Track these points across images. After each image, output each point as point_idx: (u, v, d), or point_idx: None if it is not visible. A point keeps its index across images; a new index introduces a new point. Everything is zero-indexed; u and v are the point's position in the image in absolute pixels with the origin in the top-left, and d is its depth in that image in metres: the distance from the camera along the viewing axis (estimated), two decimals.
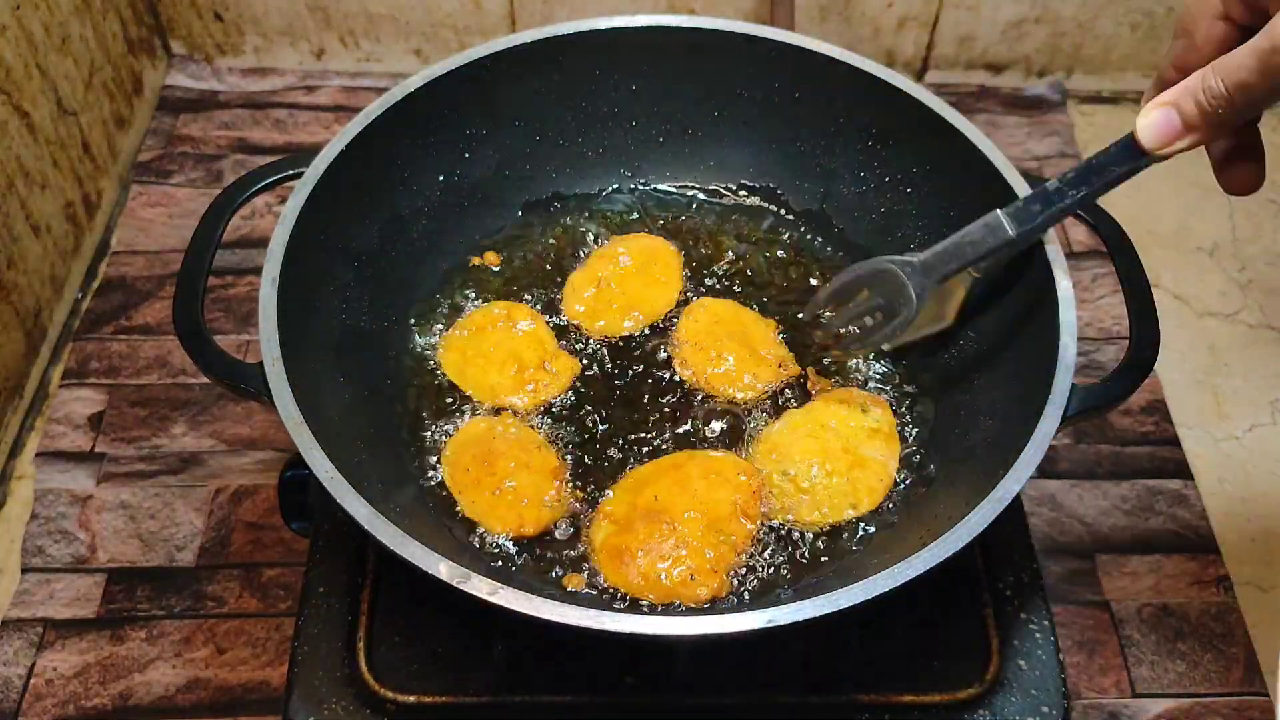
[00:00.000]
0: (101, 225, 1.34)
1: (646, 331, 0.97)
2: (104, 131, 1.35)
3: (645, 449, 0.89)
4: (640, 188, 1.08)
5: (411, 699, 0.80)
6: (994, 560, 0.88)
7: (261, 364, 0.76)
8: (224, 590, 1.05)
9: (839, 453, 0.87)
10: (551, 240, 1.04)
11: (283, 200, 1.05)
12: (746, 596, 0.81)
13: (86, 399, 1.18)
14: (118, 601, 1.04)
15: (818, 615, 0.65)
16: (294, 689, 0.81)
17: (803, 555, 0.83)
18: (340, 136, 0.89)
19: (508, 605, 0.65)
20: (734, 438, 0.89)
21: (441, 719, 0.81)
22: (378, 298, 0.94)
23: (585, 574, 0.81)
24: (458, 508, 0.85)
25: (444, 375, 0.93)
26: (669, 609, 0.79)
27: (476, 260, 1.01)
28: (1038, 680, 0.82)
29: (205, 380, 1.02)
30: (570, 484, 0.86)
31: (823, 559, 0.83)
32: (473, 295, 0.99)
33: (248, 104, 1.49)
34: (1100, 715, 1.00)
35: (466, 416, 0.90)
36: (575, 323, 0.97)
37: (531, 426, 0.90)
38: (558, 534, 0.84)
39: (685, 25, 0.99)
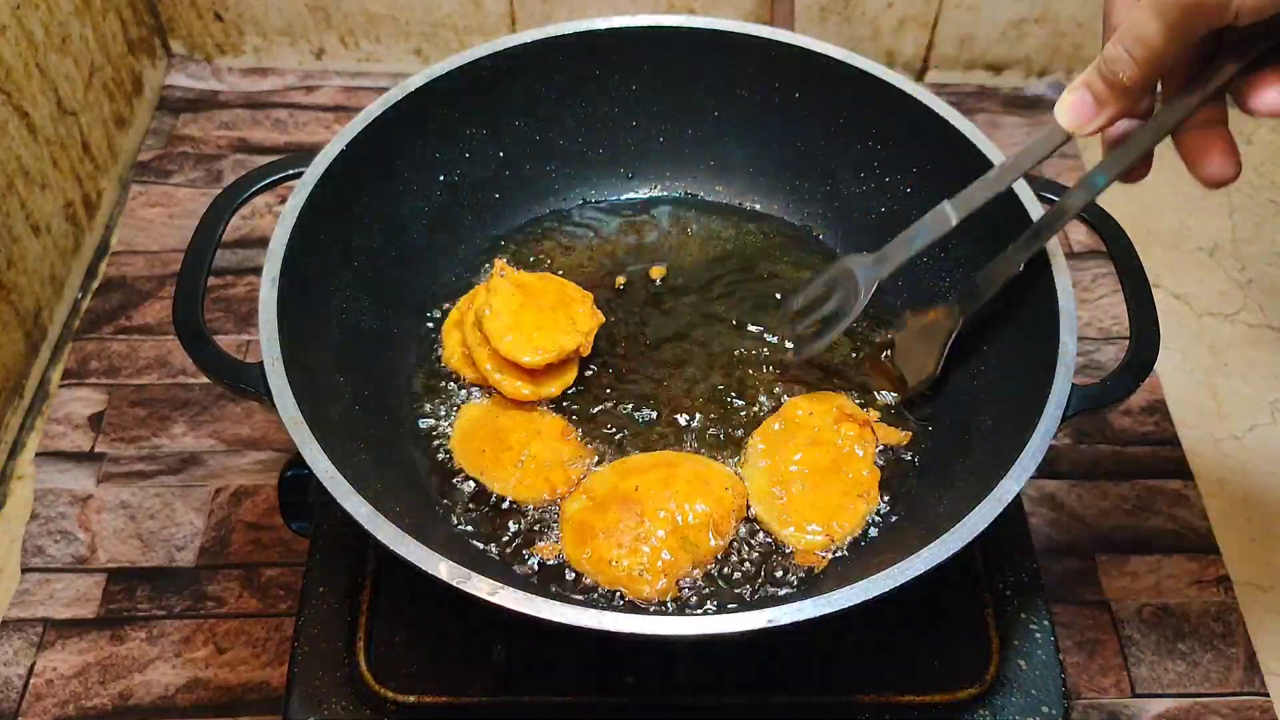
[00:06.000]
0: (101, 225, 1.34)
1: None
2: (104, 131, 1.35)
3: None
4: (640, 189, 1.08)
5: (411, 699, 0.81)
6: (994, 560, 0.88)
7: (261, 364, 0.76)
8: (224, 590, 1.05)
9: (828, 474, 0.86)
10: (554, 243, 1.04)
11: (283, 200, 1.05)
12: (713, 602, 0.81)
13: (86, 399, 1.18)
14: (118, 601, 1.04)
15: (818, 615, 0.65)
16: (294, 689, 0.81)
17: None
18: (340, 136, 0.89)
19: (508, 605, 0.65)
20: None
21: (441, 719, 0.81)
22: (378, 298, 0.94)
23: (552, 540, 0.83)
24: (457, 479, 0.86)
25: (444, 372, 0.93)
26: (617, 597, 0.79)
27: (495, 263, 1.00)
28: (1038, 680, 0.82)
29: (205, 380, 1.02)
30: (580, 437, 0.88)
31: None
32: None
33: (248, 104, 1.49)
34: (1100, 715, 1.00)
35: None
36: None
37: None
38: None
39: (685, 25, 0.99)
